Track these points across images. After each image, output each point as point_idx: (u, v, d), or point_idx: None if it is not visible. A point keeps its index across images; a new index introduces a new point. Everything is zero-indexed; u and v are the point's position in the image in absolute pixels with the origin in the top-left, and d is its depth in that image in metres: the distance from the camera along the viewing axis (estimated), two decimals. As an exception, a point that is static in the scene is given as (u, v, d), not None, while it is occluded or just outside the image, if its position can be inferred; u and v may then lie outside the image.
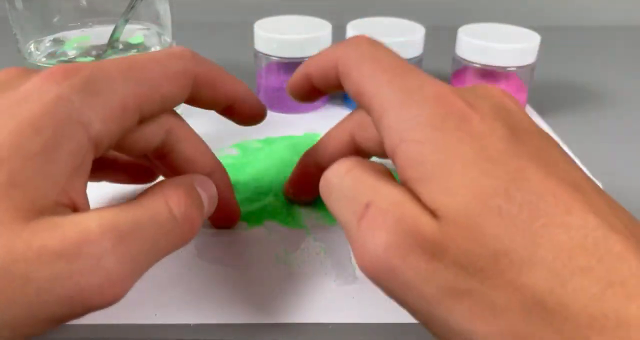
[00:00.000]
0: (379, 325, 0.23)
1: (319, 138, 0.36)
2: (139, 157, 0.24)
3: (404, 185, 0.18)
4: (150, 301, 0.23)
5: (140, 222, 0.17)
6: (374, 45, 0.21)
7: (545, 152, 0.18)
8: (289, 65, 0.38)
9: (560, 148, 0.19)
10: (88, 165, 0.18)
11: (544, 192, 0.16)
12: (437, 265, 0.16)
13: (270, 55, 0.38)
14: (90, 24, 0.34)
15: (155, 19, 0.35)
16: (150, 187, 0.19)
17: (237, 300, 0.24)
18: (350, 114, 0.24)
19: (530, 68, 0.38)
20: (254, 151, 0.34)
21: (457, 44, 0.39)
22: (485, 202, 0.16)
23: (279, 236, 0.27)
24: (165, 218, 0.18)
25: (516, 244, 0.15)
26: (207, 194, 0.21)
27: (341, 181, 0.19)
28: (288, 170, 0.32)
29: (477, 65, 0.38)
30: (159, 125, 0.21)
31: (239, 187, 0.31)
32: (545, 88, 0.46)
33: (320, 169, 0.23)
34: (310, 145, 0.35)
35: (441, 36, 0.46)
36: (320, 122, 0.39)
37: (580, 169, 0.18)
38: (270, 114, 0.40)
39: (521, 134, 0.18)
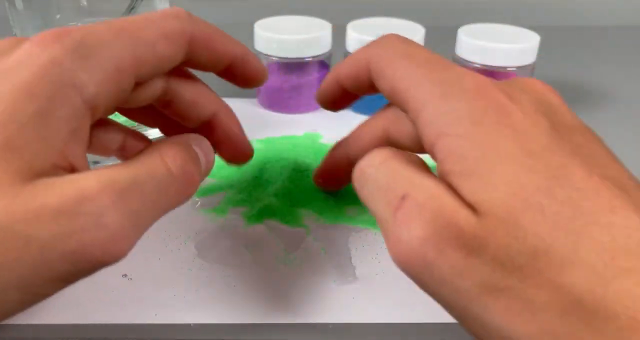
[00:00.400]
0: (378, 325, 0.23)
1: (319, 138, 0.36)
2: (141, 109, 0.24)
3: (443, 178, 0.17)
4: (150, 301, 0.23)
5: (139, 179, 0.17)
6: (405, 42, 0.21)
7: (588, 149, 0.17)
8: (289, 65, 0.38)
9: (604, 144, 0.18)
10: (86, 129, 0.18)
11: (587, 190, 0.16)
12: (474, 261, 0.16)
13: (270, 55, 0.38)
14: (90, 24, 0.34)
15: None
16: (147, 147, 0.19)
17: (237, 300, 0.24)
18: (383, 109, 0.24)
19: (530, 68, 0.38)
20: (254, 151, 0.34)
21: (457, 44, 0.39)
22: (526, 199, 0.15)
23: (279, 236, 0.27)
24: (163, 173, 0.18)
25: (557, 242, 0.15)
26: (204, 153, 0.21)
27: (376, 172, 0.19)
28: (288, 170, 0.32)
29: (477, 65, 0.38)
30: (157, 78, 0.21)
31: (239, 186, 0.31)
32: (545, 88, 0.46)
33: (351, 161, 0.23)
34: (311, 145, 0.35)
35: (441, 36, 0.46)
36: (320, 122, 0.39)
37: (624, 167, 0.17)
38: (270, 114, 0.40)
39: (563, 129, 0.17)
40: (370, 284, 0.25)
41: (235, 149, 0.25)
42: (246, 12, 0.54)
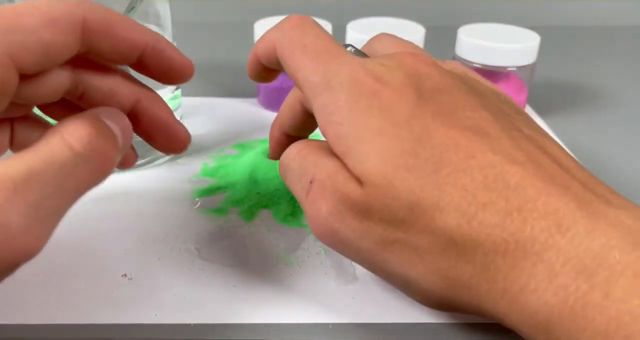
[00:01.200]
0: (379, 325, 0.23)
1: (318, 138, 0.36)
2: (60, 106, 0.22)
3: (338, 159, 0.20)
4: (150, 301, 0.23)
5: (35, 168, 0.16)
6: (302, 29, 0.22)
7: (451, 106, 0.20)
8: (289, 65, 0.38)
9: (470, 95, 0.20)
10: None
11: (447, 144, 0.18)
12: (367, 224, 0.19)
13: (270, 55, 0.38)
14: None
15: (156, 20, 0.35)
16: (49, 129, 0.18)
17: (237, 300, 0.24)
18: (294, 87, 0.26)
19: (530, 68, 0.38)
20: (254, 151, 0.34)
21: (457, 44, 0.39)
22: (394, 162, 0.18)
23: (279, 236, 0.27)
24: (66, 156, 0.17)
25: (425, 193, 0.18)
26: (119, 125, 0.20)
27: (292, 162, 0.22)
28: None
29: (477, 65, 0.38)
30: (59, 69, 0.20)
31: (238, 186, 0.31)
32: (545, 88, 0.46)
33: (286, 135, 0.27)
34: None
35: (441, 36, 0.46)
36: (320, 122, 0.39)
37: (488, 111, 0.20)
38: (270, 114, 0.40)
39: (429, 94, 0.20)
40: (370, 284, 0.25)
41: (167, 137, 0.23)
42: (246, 12, 0.54)
